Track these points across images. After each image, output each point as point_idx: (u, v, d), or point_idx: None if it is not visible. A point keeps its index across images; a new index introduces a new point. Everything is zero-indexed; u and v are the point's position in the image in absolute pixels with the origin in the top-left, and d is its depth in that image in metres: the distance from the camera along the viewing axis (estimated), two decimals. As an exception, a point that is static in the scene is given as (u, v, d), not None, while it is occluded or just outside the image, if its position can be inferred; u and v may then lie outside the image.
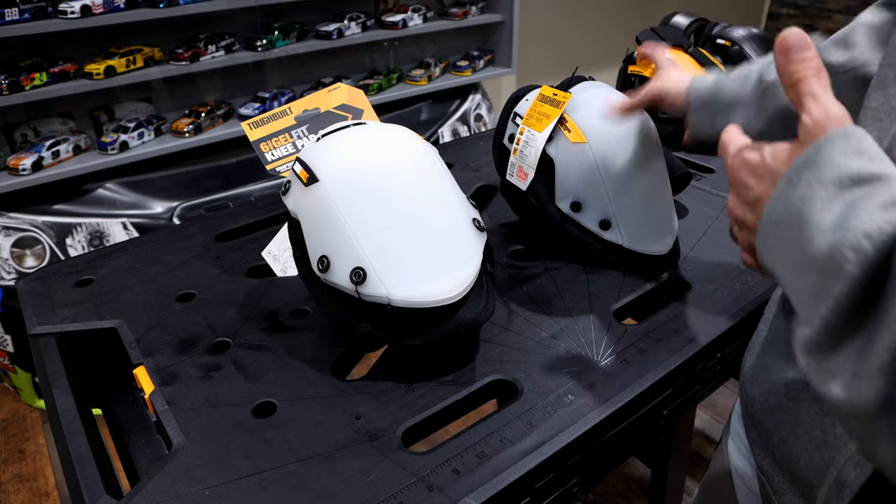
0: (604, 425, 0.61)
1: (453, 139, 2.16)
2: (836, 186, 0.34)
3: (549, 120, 0.79)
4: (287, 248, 0.84)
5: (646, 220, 0.81)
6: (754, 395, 0.57)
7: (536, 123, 0.80)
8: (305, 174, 0.65)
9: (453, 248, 0.64)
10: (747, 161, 0.42)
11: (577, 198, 0.81)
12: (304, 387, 0.65)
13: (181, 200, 1.86)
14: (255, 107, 2.00)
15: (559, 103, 0.79)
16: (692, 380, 0.72)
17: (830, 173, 0.35)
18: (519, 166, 0.82)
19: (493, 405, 0.73)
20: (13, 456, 1.70)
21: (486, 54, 2.48)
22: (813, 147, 0.36)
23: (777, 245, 0.38)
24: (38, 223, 1.68)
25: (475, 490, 0.53)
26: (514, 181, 0.84)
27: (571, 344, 0.70)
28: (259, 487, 0.54)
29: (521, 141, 0.82)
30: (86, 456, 0.59)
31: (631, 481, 1.60)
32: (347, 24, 2.09)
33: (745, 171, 0.42)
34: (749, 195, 0.42)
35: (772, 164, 0.40)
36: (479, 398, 0.66)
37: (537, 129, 0.80)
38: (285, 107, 0.90)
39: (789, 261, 0.36)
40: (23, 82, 1.59)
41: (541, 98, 0.81)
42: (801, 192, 0.36)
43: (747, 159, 0.42)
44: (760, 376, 0.57)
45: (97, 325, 0.76)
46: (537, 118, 0.81)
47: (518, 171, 0.83)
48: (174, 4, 1.73)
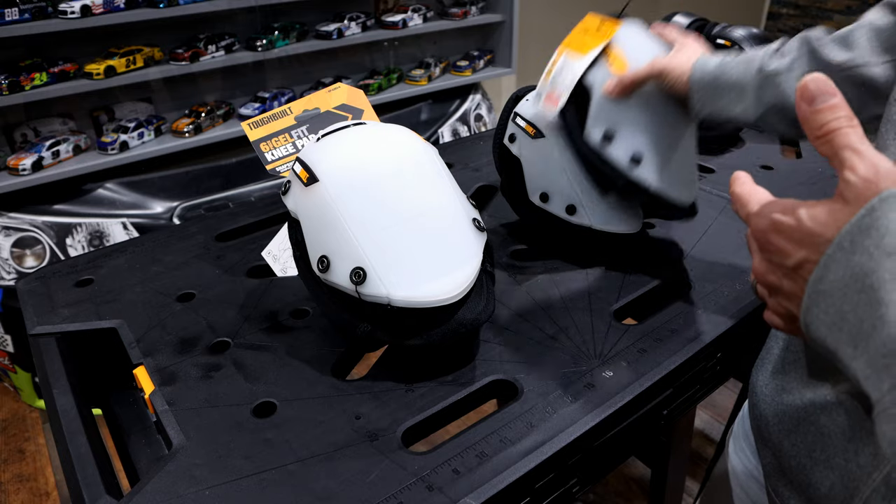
0: (604, 425, 0.61)
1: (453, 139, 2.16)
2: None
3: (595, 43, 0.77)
4: (287, 248, 0.84)
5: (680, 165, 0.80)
6: (768, 415, 0.55)
7: (579, 46, 0.77)
8: (305, 174, 0.65)
9: (453, 248, 0.64)
10: (779, 224, 0.39)
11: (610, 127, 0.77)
12: (304, 387, 0.65)
13: (181, 200, 1.86)
14: (255, 107, 2.00)
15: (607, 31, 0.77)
16: (692, 380, 0.72)
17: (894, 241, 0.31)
18: (549, 92, 0.78)
19: (493, 405, 0.73)
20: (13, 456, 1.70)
21: (486, 54, 2.48)
22: (866, 210, 0.33)
23: (833, 321, 0.34)
24: (38, 223, 1.68)
25: (475, 490, 0.53)
26: (542, 107, 0.80)
27: (571, 344, 0.70)
28: (259, 487, 0.54)
29: (556, 64, 0.79)
30: (86, 456, 0.59)
31: (631, 481, 1.60)
32: (347, 24, 2.09)
33: (777, 234, 0.39)
34: (787, 262, 0.38)
35: (812, 227, 0.36)
36: (479, 398, 0.66)
37: (580, 51, 0.77)
38: (285, 107, 0.90)
39: (853, 338, 0.33)
40: (23, 82, 1.59)
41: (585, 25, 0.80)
42: (861, 263, 0.32)
43: (779, 222, 0.39)
44: (776, 397, 0.55)
45: (97, 325, 0.76)
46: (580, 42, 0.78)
47: (547, 96, 0.78)
48: (174, 4, 1.73)
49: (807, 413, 0.51)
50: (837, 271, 0.33)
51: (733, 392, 1.71)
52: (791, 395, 0.53)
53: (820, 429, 0.49)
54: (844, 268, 0.33)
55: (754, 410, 0.58)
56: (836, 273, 0.34)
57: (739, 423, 0.71)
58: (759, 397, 0.58)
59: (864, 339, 0.32)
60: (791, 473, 0.52)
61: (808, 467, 0.50)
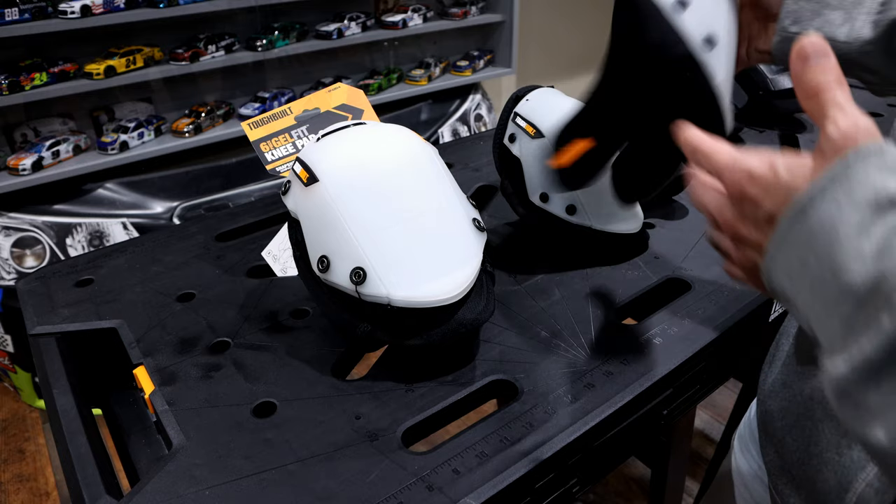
0: (604, 425, 0.61)
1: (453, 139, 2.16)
2: (872, 209, 0.31)
3: None
4: (287, 248, 0.84)
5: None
6: (773, 410, 0.55)
7: None
8: (305, 174, 0.65)
9: (453, 248, 0.64)
10: (756, 175, 0.38)
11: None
12: (304, 387, 0.65)
13: (181, 200, 1.86)
14: (255, 107, 2.00)
15: None
16: (692, 380, 0.72)
17: (865, 193, 0.31)
18: None
19: (493, 405, 0.73)
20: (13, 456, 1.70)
21: (486, 54, 2.48)
22: (841, 162, 0.33)
23: (794, 269, 0.35)
24: (38, 223, 1.68)
25: (475, 490, 0.53)
26: None
27: (571, 344, 0.70)
28: (259, 487, 0.54)
29: None
30: (86, 456, 0.59)
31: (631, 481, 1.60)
32: (347, 24, 2.09)
33: (753, 185, 0.38)
34: (759, 213, 0.38)
35: (788, 179, 0.36)
36: (479, 398, 0.66)
37: None
38: (285, 107, 0.90)
39: (812, 287, 0.33)
40: (23, 82, 1.59)
41: None
42: (829, 212, 0.32)
43: (756, 174, 0.38)
44: (781, 392, 0.55)
45: (97, 325, 0.76)
46: None
47: None
48: (174, 4, 1.73)
49: (805, 408, 0.51)
50: (805, 221, 0.33)
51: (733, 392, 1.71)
52: (793, 389, 0.53)
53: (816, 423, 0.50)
54: (813, 217, 0.33)
55: (761, 407, 0.58)
56: (804, 223, 0.34)
57: (746, 423, 0.71)
58: (765, 393, 0.58)
59: (822, 285, 0.32)
60: (793, 470, 0.53)
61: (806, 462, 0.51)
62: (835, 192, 0.32)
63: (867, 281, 0.30)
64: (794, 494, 0.53)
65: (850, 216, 0.31)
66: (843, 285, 0.31)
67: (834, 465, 0.48)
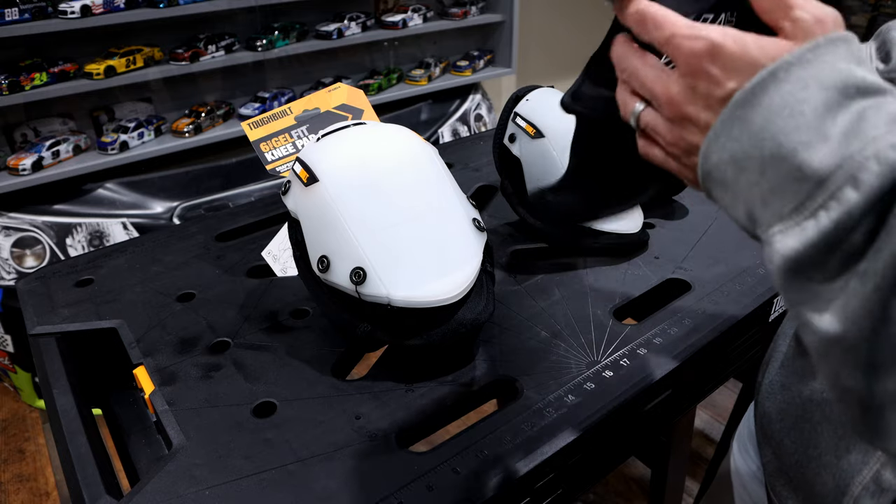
0: (604, 425, 0.61)
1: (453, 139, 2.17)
2: (839, 93, 0.30)
3: None
4: (287, 248, 0.84)
5: None
6: (771, 412, 0.55)
7: None
8: (305, 174, 0.65)
9: (453, 248, 0.64)
10: (720, 49, 0.34)
11: None
12: (304, 387, 0.65)
13: (181, 200, 1.86)
14: (255, 107, 2.00)
15: None
16: (692, 380, 0.72)
17: (833, 77, 0.31)
18: None
19: (493, 405, 0.73)
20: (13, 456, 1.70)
21: (486, 54, 2.48)
22: (810, 45, 0.32)
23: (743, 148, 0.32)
24: (38, 223, 1.68)
25: (475, 490, 0.53)
26: None
27: (571, 344, 0.70)
28: (259, 487, 0.54)
29: None
30: (86, 456, 0.59)
31: (631, 481, 1.60)
32: (347, 24, 2.09)
33: (714, 60, 0.34)
34: (717, 91, 0.34)
35: (757, 55, 0.33)
36: (479, 398, 0.66)
37: None
38: (285, 107, 0.90)
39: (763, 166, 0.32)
40: (23, 82, 1.59)
41: None
42: (793, 91, 0.31)
43: (721, 47, 0.34)
44: (779, 394, 0.55)
45: (97, 325, 0.76)
46: None
47: None
48: (174, 4, 1.73)
49: (804, 410, 0.51)
50: (765, 97, 0.32)
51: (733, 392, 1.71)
52: (791, 391, 0.53)
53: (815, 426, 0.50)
54: (775, 95, 0.32)
55: (759, 408, 0.58)
56: (763, 99, 0.32)
57: (744, 423, 0.71)
58: (763, 395, 0.58)
59: (777, 164, 0.31)
60: (790, 472, 0.53)
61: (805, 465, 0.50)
62: (802, 72, 0.31)
63: (832, 162, 0.29)
64: (791, 496, 0.53)
65: (816, 97, 0.31)
66: (803, 164, 0.30)
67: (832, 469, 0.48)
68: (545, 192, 0.62)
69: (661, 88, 0.37)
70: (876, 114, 0.30)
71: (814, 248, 0.30)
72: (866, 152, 0.29)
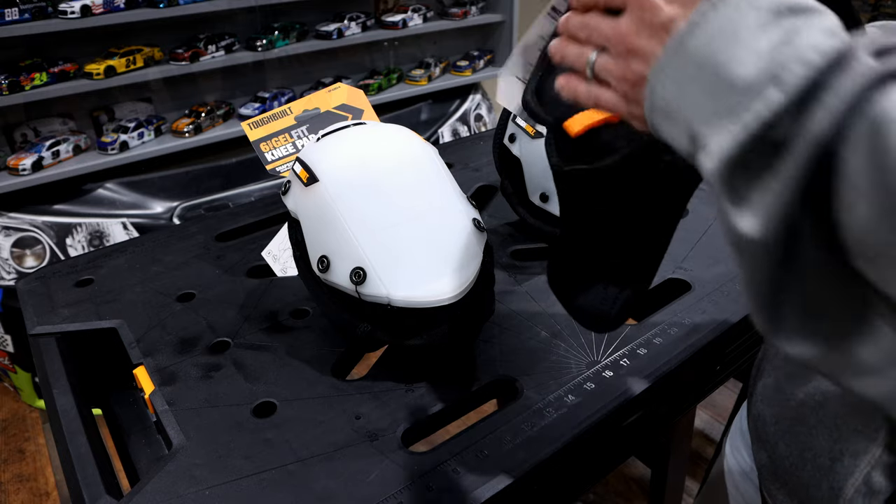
0: (604, 425, 0.61)
1: (453, 139, 2.17)
2: (772, 13, 0.32)
3: None
4: (287, 248, 0.84)
5: None
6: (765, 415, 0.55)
7: None
8: (305, 174, 0.65)
9: (453, 248, 0.64)
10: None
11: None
12: (304, 387, 0.65)
13: (181, 200, 1.86)
14: (255, 107, 2.00)
15: None
16: (692, 380, 0.72)
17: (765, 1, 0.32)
18: None
19: (493, 405, 0.73)
20: (13, 456, 1.70)
21: (486, 54, 2.48)
22: None
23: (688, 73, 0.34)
24: (38, 223, 1.68)
25: (475, 490, 0.53)
26: None
27: (571, 344, 0.70)
28: (259, 487, 0.54)
29: None
30: (86, 456, 0.59)
31: (631, 481, 1.60)
32: (347, 24, 2.09)
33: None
34: (659, 16, 0.36)
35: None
36: (479, 398, 0.66)
37: None
38: (285, 107, 0.90)
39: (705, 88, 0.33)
40: (23, 82, 1.59)
41: None
42: (729, 15, 0.33)
43: None
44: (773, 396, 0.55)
45: (97, 325, 0.76)
46: None
47: None
48: (174, 4, 1.73)
49: (798, 413, 0.51)
50: (706, 25, 0.33)
51: (733, 392, 1.71)
52: (786, 394, 0.53)
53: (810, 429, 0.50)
54: (714, 22, 0.33)
55: (753, 410, 0.58)
56: (703, 27, 0.34)
57: (736, 423, 0.71)
58: (757, 397, 0.57)
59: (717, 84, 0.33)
60: (785, 475, 0.53)
61: (800, 468, 0.51)
62: None
63: (760, 68, 0.31)
64: (786, 500, 0.53)
65: (749, 18, 0.32)
66: (736, 76, 0.32)
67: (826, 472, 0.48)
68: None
69: (612, 28, 0.40)
70: (807, 28, 0.31)
71: (741, 148, 0.31)
72: (791, 55, 0.30)
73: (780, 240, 0.30)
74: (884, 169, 0.26)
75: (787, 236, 0.30)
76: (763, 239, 0.30)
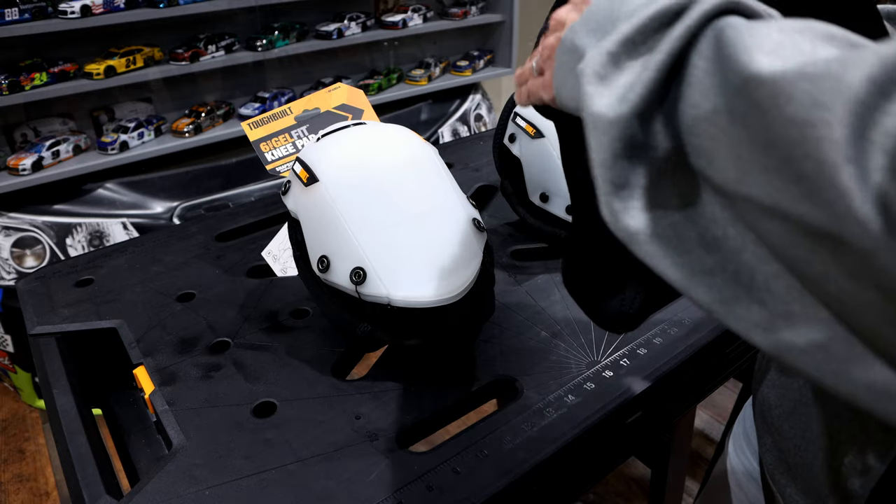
0: (604, 425, 0.61)
1: (453, 139, 2.17)
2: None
3: None
4: (287, 248, 0.84)
5: None
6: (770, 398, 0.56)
7: None
8: (305, 174, 0.65)
9: (453, 248, 0.64)
10: None
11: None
12: (304, 387, 0.65)
13: (181, 200, 1.86)
14: (255, 107, 2.00)
15: None
16: (692, 380, 0.72)
17: None
18: None
19: (493, 405, 0.73)
20: (13, 456, 1.70)
21: (486, 54, 2.48)
22: None
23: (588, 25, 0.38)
24: (38, 223, 1.68)
25: (475, 490, 0.53)
26: None
27: (571, 344, 0.70)
28: (259, 487, 0.54)
29: None
30: (86, 456, 0.59)
31: (631, 481, 1.60)
32: (347, 24, 2.09)
33: None
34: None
35: None
36: (479, 398, 0.66)
37: None
38: (285, 107, 0.90)
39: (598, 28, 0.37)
40: (23, 82, 1.59)
41: None
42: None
43: None
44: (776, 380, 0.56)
45: (97, 325, 0.76)
46: None
47: None
48: (174, 4, 1.73)
49: (801, 394, 0.52)
50: None
51: (733, 392, 1.71)
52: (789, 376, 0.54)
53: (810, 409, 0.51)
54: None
55: (758, 396, 0.59)
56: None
57: (740, 422, 0.71)
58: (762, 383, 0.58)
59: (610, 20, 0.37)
60: (789, 458, 0.53)
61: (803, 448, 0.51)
62: None
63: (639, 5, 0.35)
64: (790, 484, 0.54)
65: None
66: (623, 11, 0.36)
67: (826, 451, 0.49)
68: None
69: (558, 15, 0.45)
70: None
71: (615, 45, 0.35)
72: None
73: (632, 116, 0.33)
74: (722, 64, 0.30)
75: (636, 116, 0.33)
76: (616, 116, 0.33)
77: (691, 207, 0.34)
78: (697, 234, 0.33)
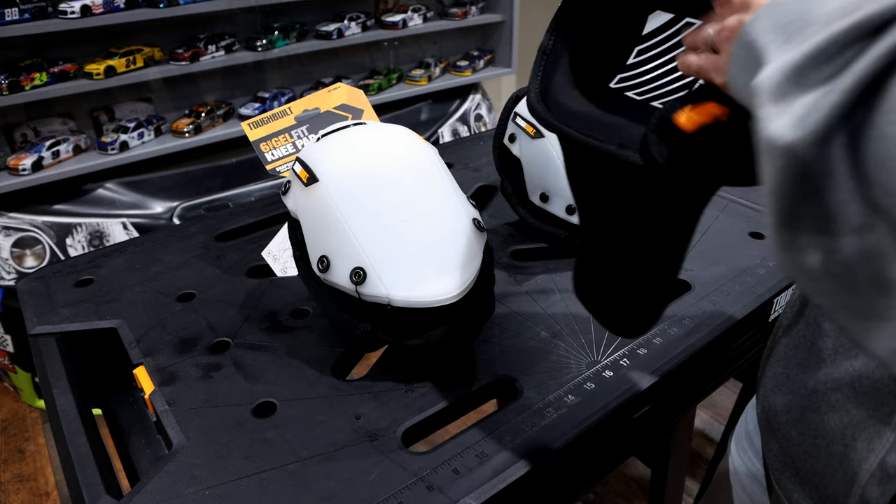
0: (604, 425, 0.61)
1: (453, 139, 2.17)
2: None
3: None
4: (287, 248, 0.84)
5: None
6: (776, 405, 0.55)
7: None
8: (305, 174, 0.65)
9: (453, 248, 0.64)
10: None
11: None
12: (304, 387, 0.65)
13: (181, 200, 1.86)
14: (255, 107, 2.00)
15: None
16: (692, 380, 0.72)
17: None
18: None
19: (493, 405, 0.73)
20: (13, 456, 1.70)
21: (486, 54, 2.48)
22: None
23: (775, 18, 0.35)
24: (38, 223, 1.68)
25: (475, 490, 0.53)
26: None
27: (571, 344, 0.70)
28: (259, 487, 0.54)
29: None
30: (86, 456, 0.59)
31: (631, 481, 1.60)
32: (347, 24, 2.09)
33: None
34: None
35: None
36: (479, 398, 0.66)
37: None
38: (285, 107, 0.90)
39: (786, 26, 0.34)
40: (23, 82, 1.59)
41: None
42: None
43: None
44: (783, 386, 0.55)
45: (97, 325, 0.76)
46: None
47: None
48: (174, 4, 1.73)
49: (810, 400, 0.51)
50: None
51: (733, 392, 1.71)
52: (796, 382, 0.53)
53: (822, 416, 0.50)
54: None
55: (763, 402, 0.58)
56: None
57: (742, 424, 0.71)
58: (767, 388, 0.58)
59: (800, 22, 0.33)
60: (798, 464, 0.53)
61: (813, 455, 0.51)
62: None
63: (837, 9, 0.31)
64: (798, 489, 0.53)
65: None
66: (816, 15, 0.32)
67: (840, 458, 0.48)
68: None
69: None
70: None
71: (803, 58, 0.31)
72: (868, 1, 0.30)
73: (810, 142, 0.30)
74: None
75: (818, 140, 0.30)
76: (792, 140, 0.30)
77: (868, 247, 0.30)
78: (869, 275, 0.30)
